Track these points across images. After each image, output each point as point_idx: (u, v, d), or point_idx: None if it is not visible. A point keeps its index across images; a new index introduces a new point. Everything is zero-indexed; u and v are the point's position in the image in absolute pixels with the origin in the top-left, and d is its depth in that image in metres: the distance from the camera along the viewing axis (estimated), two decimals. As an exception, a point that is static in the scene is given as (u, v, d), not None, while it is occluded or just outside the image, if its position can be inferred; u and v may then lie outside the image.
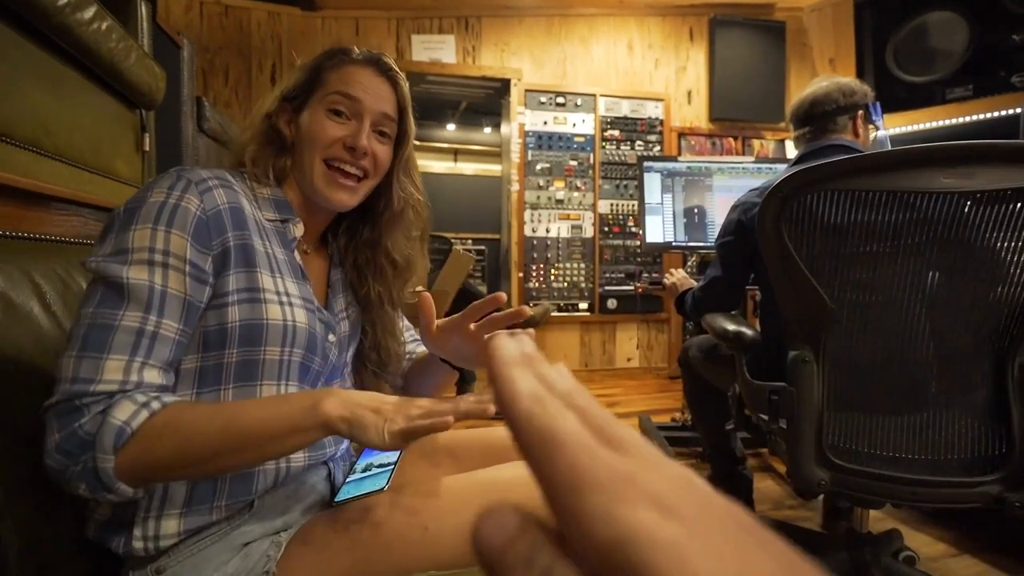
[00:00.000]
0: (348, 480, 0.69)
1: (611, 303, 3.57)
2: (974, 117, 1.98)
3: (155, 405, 0.50)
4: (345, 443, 0.73)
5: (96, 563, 0.58)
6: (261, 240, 0.63)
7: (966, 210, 0.77)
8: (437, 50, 3.37)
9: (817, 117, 1.24)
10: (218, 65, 3.14)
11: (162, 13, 2.93)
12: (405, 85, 0.72)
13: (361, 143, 0.66)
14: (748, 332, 1.09)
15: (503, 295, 0.65)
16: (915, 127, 2.12)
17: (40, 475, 0.53)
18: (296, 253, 0.68)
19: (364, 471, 0.70)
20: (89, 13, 0.91)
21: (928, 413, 0.87)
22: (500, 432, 0.82)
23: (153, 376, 0.52)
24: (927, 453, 0.86)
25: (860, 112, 1.23)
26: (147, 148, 1.22)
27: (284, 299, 0.62)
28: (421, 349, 0.84)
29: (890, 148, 0.84)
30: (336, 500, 0.65)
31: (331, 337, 0.69)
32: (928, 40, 2.17)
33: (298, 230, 0.69)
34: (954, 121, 2.01)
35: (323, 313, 0.69)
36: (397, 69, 0.71)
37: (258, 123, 0.69)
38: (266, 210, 0.66)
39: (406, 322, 0.85)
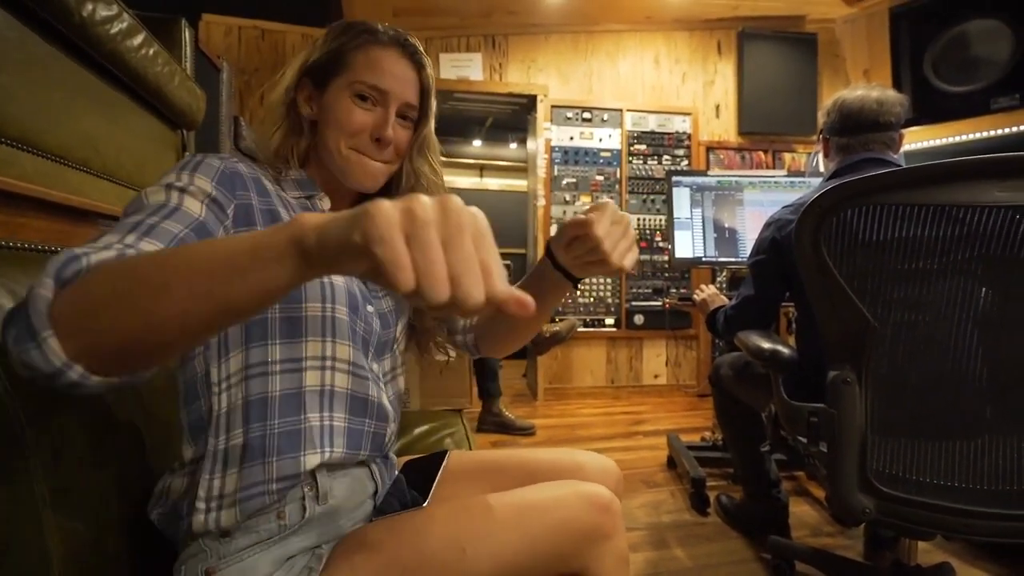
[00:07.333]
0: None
1: (638, 319, 3.51)
2: (1023, 128, 1.90)
3: (130, 252, 0.43)
4: (390, 456, 0.72)
5: (141, 567, 0.59)
6: (287, 212, 0.64)
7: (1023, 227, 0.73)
8: (465, 67, 3.42)
9: (866, 127, 1.18)
10: (254, 86, 3.26)
11: (203, 38, 3.07)
12: (429, 67, 0.71)
13: (387, 134, 0.66)
14: (785, 351, 1.05)
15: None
16: (959, 138, 2.04)
17: (86, 482, 0.54)
18: None
19: None
20: (138, 40, 0.96)
21: (984, 439, 0.82)
22: (538, 453, 0.82)
23: (149, 247, 0.46)
24: (983, 482, 0.81)
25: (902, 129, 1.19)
26: (188, 166, 1.27)
27: None
28: None
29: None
30: (376, 516, 0.65)
31: (369, 308, 0.69)
32: (969, 49, 2.10)
33: (324, 203, 0.70)
34: (1001, 132, 1.92)
35: (359, 282, 0.69)
36: (422, 50, 0.70)
37: (277, 103, 0.68)
38: (291, 190, 0.68)
39: None
